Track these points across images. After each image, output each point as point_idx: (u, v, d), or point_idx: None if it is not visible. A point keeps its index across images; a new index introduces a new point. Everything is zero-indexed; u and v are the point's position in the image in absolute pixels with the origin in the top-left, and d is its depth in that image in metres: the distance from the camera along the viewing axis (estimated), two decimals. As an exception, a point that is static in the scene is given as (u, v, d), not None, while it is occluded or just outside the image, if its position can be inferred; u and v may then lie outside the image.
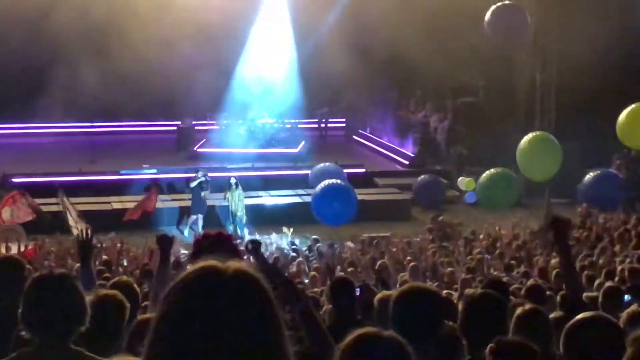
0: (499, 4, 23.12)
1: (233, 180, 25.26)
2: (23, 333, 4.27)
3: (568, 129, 28.98)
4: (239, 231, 24.31)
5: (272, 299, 2.25)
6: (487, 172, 24.03)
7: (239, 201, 25.06)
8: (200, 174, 25.46)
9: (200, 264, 2.26)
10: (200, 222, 25.19)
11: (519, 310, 5.51)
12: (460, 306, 5.43)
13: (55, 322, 4.23)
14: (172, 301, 2.21)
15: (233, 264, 2.25)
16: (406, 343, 3.18)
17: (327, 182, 23.59)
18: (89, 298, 4.80)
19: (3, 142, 32.11)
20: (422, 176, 28.83)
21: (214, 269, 2.23)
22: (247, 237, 23.84)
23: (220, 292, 2.19)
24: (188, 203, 25.49)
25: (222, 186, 25.68)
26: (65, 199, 21.02)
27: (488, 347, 4.36)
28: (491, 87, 31.28)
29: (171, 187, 27.40)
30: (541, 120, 30.73)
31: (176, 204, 25.79)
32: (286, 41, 33.83)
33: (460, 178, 25.05)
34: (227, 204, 25.26)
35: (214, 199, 25.80)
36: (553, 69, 30.27)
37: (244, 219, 25.06)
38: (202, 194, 25.31)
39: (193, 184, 25.37)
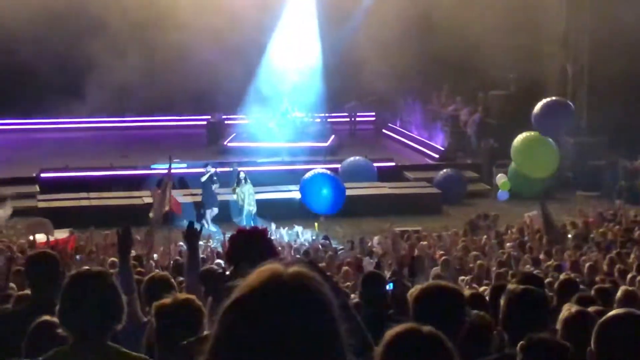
0: (547, 100, 23.71)
1: (242, 175, 25.21)
2: (59, 330, 4.27)
3: (599, 122, 28.85)
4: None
5: (335, 310, 2.21)
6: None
7: (249, 195, 24.94)
8: (209, 167, 25.44)
9: (253, 279, 2.19)
10: (214, 214, 25.12)
11: (565, 313, 5.49)
12: (501, 301, 5.41)
13: (93, 319, 4.24)
14: (228, 324, 2.16)
15: (292, 278, 2.19)
16: (446, 338, 3.18)
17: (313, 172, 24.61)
18: (166, 301, 4.82)
19: (37, 137, 32.29)
20: (444, 170, 28.75)
21: (271, 288, 2.17)
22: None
23: (280, 310, 2.14)
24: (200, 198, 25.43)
25: (255, 179, 25.74)
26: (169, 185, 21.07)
27: (519, 345, 4.36)
28: (522, 79, 31.14)
29: (182, 182, 27.19)
30: (572, 113, 30.57)
31: (189, 199, 25.56)
32: (313, 34, 33.80)
33: (500, 175, 24.94)
34: (235, 198, 25.20)
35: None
36: (584, 61, 30.11)
37: (253, 213, 24.91)
38: (214, 187, 25.25)
39: (203, 179, 25.31)
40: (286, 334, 2.12)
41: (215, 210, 25.31)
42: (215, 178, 25.37)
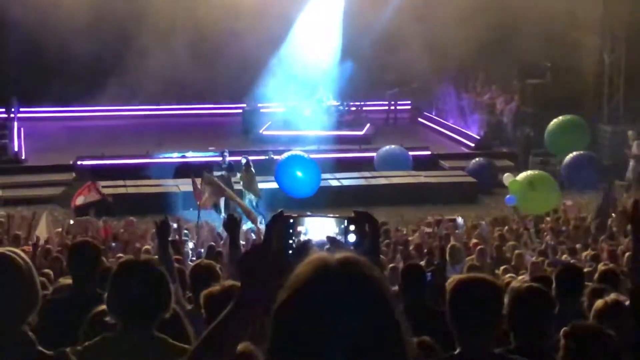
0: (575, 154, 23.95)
1: (244, 161, 24.50)
2: (107, 318, 4.31)
3: (637, 110, 28.62)
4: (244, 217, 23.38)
5: (388, 292, 2.16)
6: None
7: (249, 183, 24.09)
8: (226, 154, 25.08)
9: (301, 272, 2.15)
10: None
11: (600, 303, 5.46)
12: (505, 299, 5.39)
13: (141, 308, 4.27)
14: (282, 324, 2.12)
15: (341, 266, 2.14)
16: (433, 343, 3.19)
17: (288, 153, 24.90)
18: (214, 289, 4.85)
19: (73, 125, 32.44)
20: (475, 159, 28.65)
21: (321, 279, 2.12)
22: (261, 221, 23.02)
23: (334, 300, 2.09)
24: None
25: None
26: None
27: (562, 331, 4.33)
28: (559, 68, 30.94)
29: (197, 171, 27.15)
30: (609, 102, 30.38)
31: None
32: (349, 19, 33.67)
33: (506, 174, 24.70)
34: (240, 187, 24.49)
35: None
36: (622, 50, 29.86)
37: (255, 202, 24.03)
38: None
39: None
40: (343, 323, 2.07)
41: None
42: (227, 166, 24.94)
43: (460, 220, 21.35)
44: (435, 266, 9.25)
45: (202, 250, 16.98)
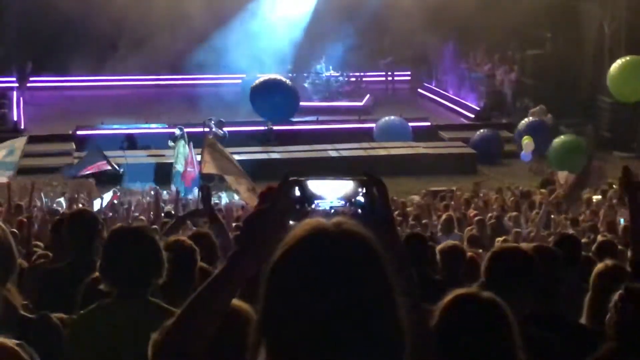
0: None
1: (177, 132, 24.04)
2: (102, 286, 4.32)
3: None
4: (173, 186, 21.84)
5: (383, 258, 2.16)
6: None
7: (177, 153, 22.87)
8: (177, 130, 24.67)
9: (297, 232, 2.17)
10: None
11: (600, 266, 5.48)
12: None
13: (134, 274, 4.28)
14: (276, 280, 2.13)
15: (337, 228, 2.16)
16: (505, 305, 3.20)
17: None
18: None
19: (74, 94, 32.42)
20: (480, 130, 28.66)
21: (317, 239, 2.13)
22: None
23: (330, 259, 2.11)
24: (165, 160, 24.79)
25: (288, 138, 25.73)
26: None
27: (617, 294, 4.35)
28: (558, 38, 30.88)
29: (131, 141, 27.17)
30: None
31: (152, 160, 25.14)
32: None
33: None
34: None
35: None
36: (622, 19, 29.78)
37: (180, 172, 22.56)
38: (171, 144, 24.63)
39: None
40: (337, 284, 2.09)
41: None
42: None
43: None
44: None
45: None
